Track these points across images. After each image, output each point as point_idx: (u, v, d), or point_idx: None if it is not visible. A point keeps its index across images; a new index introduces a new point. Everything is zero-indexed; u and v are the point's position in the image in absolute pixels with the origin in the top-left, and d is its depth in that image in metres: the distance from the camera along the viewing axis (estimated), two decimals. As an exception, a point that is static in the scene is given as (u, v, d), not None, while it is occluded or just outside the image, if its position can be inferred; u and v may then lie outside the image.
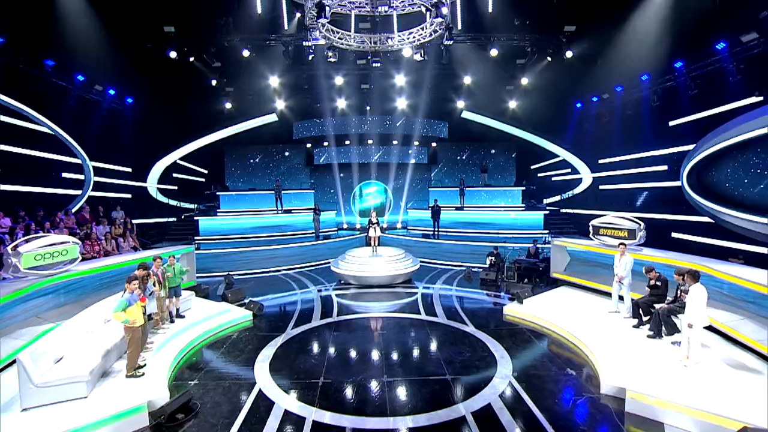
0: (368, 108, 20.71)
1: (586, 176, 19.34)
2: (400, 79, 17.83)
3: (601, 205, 17.17)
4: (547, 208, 19.49)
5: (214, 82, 17.39)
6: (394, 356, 7.32)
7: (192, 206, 19.90)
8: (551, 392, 5.96)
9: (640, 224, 9.31)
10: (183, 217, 18.65)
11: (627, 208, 14.87)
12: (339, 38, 13.42)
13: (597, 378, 6.21)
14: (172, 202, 19.06)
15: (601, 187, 18.16)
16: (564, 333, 8.03)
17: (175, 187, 19.41)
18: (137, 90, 16.34)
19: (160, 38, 14.80)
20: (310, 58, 14.57)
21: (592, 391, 5.92)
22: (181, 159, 19.45)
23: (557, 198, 20.95)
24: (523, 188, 20.30)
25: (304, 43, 13.02)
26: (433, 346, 7.73)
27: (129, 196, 16.36)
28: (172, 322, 8.25)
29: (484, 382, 6.24)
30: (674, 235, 13.12)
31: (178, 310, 8.51)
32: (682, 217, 13.08)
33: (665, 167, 13.90)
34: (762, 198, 10.19)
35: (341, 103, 20.40)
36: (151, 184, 18.05)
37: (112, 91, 15.24)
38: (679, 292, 6.89)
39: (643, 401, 5.27)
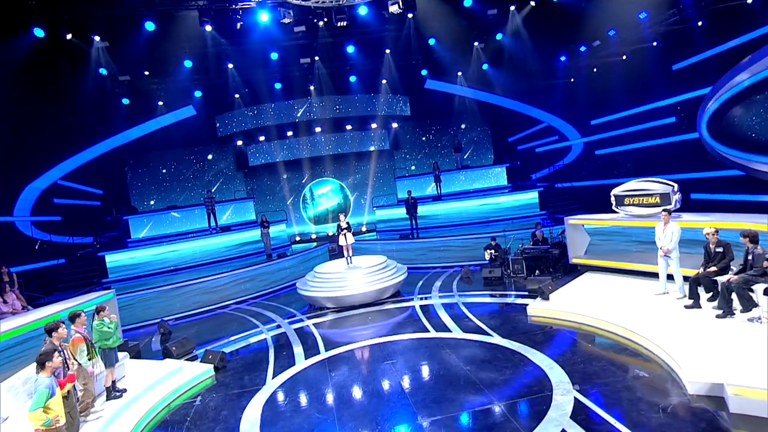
0: (312, 87, 20.09)
1: (576, 142, 19.94)
2: (350, 48, 17.40)
3: (599, 173, 17.74)
4: (538, 184, 19.85)
5: (103, 70, 15.98)
6: (420, 389, 6.93)
7: (89, 240, 18.28)
8: (630, 402, 5.78)
9: (673, 186, 9.46)
10: (79, 255, 17.12)
11: (629, 173, 15.42)
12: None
13: (676, 376, 6.14)
14: (58, 239, 17.25)
15: (596, 152, 18.79)
16: (611, 327, 7.99)
17: (59, 218, 17.58)
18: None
19: (15, 9, 12.91)
20: (239, 26, 13.66)
21: (679, 394, 5.81)
22: (63, 179, 17.75)
23: (546, 171, 21.47)
24: (507, 165, 20.55)
25: (240, 3, 11.79)
26: (462, 367, 7.40)
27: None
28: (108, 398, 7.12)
29: (544, 402, 6.00)
30: (693, 196, 13.69)
31: (114, 383, 7.24)
32: (701, 174, 13.68)
33: (673, 119, 14.53)
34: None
35: (278, 85, 19.73)
36: (22, 216, 16.11)
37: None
38: (748, 257, 6.99)
39: (752, 397, 5.17)
